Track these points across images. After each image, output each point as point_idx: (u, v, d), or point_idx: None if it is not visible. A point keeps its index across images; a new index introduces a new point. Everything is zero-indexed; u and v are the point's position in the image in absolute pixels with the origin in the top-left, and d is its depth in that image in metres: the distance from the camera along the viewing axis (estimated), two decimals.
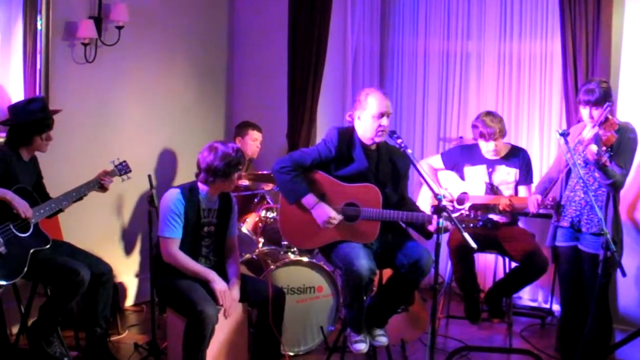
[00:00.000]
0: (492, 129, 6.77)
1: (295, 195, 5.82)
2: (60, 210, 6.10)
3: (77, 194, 6.05)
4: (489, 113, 6.92)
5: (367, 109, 5.80)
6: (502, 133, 6.84)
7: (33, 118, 5.81)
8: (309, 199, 5.79)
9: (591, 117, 6.00)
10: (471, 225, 5.70)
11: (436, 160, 7.21)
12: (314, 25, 8.06)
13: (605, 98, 5.93)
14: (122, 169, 6.38)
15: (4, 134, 6.32)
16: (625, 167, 5.93)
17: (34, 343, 5.84)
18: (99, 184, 6.17)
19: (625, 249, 6.23)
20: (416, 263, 5.67)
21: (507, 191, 6.87)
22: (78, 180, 6.11)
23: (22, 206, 5.54)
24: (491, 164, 6.93)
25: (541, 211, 6.54)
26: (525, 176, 6.91)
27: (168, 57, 8.08)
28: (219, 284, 5.69)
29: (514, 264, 6.98)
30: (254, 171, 7.68)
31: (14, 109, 5.93)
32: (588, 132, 5.98)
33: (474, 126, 6.92)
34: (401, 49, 8.96)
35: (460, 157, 7.10)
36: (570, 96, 6.90)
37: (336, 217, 5.78)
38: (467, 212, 5.75)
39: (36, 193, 5.90)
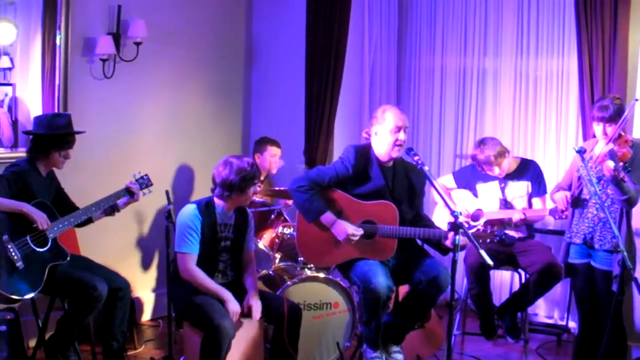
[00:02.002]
0: (488, 155, 6.78)
1: (313, 213, 5.84)
2: (90, 220, 6.13)
3: (106, 203, 6.08)
4: (481, 142, 6.94)
5: (384, 123, 5.83)
6: (503, 154, 6.83)
7: (55, 132, 5.83)
8: (328, 217, 5.81)
9: (604, 133, 6.00)
10: (488, 240, 5.71)
11: (448, 180, 7.22)
12: (331, 42, 8.07)
13: (619, 114, 5.93)
14: (144, 183, 6.38)
15: (20, 149, 6.38)
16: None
17: (52, 357, 5.86)
18: (128, 191, 6.20)
19: (638, 265, 6.21)
20: (434, 280, 5.69)
21: (520, 205, 6.86)
22: (95, 195, 6.13)
23: (40, 217, 5.57)
24: (503, 180, 6.93)
25: (554, 227, 6.54)
26: (538, 188, 6.90)
27: (186, 73, 8.11)
28: (232, 304, 5.69)
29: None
30: (272, 187, 7.69)
31: (39, 120, 5.96)
32: (601, 148, 5.98)
33: (473, 157, 6.94)
34: (418, 66, 8.96)
35: (472, 175, 7.09)
36: (586, 113, 6.88)
37: (356, 232, 5.80)
38: (483, 228, 5.76)
39: (59, 206, 5.94)
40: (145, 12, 7.49)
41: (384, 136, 5.85)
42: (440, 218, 6.95)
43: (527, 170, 6.94)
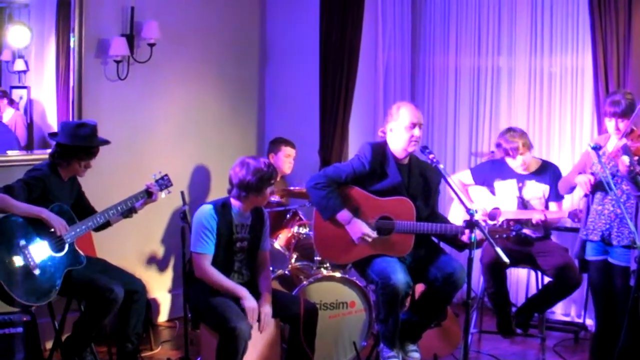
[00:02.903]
0: (515, 143, 6.73)
1: (330, 211, 5.85)
2: (109, 224, 6.15)
3: (124, 206, 6.08)
4: (509, 129, 6.90)
5: (399, 120, 5.84)
6: (527, 146, 6.79)
7: (78, 143, 5.84)
8: (344, 215, 5.82)
9: (617, 128, 5.97)
10: (504, 235, 5.72)
11: (466, 176, 7.19)
12: (345, 42, 8.07)
13: (631, 109, 5.90)
14: (164, 184, 6.38)
15: (36, 152, 6.39)
16: None
17: (68, 359, 5.86)
18: (147, 192, 6.20)
19: None
20: (450, 276, 5.69)
21: (537, 206, 6.83)
22: (110, 197, 6.15)
23: (58, 223, 5.57)
24: (521, 179, 6.89)
25: (570, 225, 6.51)
26: (556, 192, 6.83)
27: (200, 74, 8.11)
28: (249, 301, 5.68)
29: (547, 279, 6.95)
30: (286, 187, 7.69)
31: (64, 127, 5.96)
32: (614, 144, 5.96)
33: (498, 145, 6.89)
34: (432, 65, 8.95)
35: (491, 172, 7.06)
36: (601, 109, 6.84)
37: (371, 233, 5.80)
38: (500, 224, 5.75)
39: (79, 210, 5.96)
40: (159, 13, 7.50)
41: (399, 133, 5.86)
42: (457, 215, 6.93)
43: (547, 172, 6.88)
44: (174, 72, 7.83)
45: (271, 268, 6.27)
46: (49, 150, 6.09)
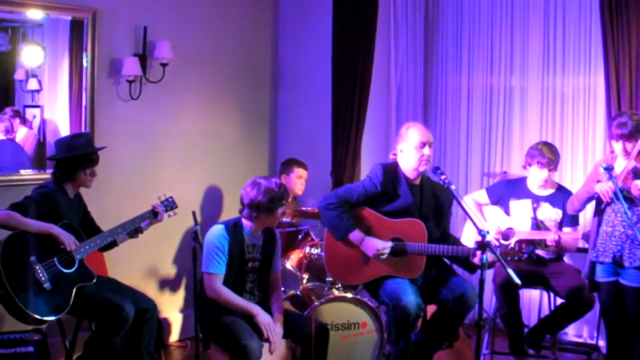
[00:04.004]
0: (550, 158, 6.73)
1: (342, 231, 5.86)
2: (115, 244, 6.16)
3: (132, 225, 6.10)
4: (546, 143, 6.92)
5: (409, 140, 5.86)
6: (555, 165, 6.80)
7: (77, 153, 5.85)
8: (356, 235, 5.83)
9: (624, 150, 5.96)
10: (516, 258, 5.69)
11: (481, 195, 7.18)
12: (357, 62, 8.07)
13: (638, 130, 5.89)
14: (169, 205, 6.42)
15: (48, 171, 6.41)
16: None
17: None
18: (153, 212, 6.22)
19: None
20: (461, 297, 5.69)
21: (552, 228, 6.81)
22: (122, 216, 6.16)
23: (67, 239, 5.59)
24: (536, 200, 6.88)
25: (583, 246, 6.50)
26: (571, 219, 6.83)
27: (212, 94, 8.11)
28: (263, 317, 5.68)
29: (559, 300, 6.92)
30: (298, 208, 7.69)
31: (60, 143, 5.99)
32: (622, 166, 5.94)
33: (532, 154, 6.85)
34: (444, 85, 8.93)
35: (506, 191, 7.05)
36: (608, 132, 6.85)
37: (386, 245, 5.79)
38: (512, 246, 5.74)
39: (85, 229, 5.96)
40: (172, 33, 7.51)
41: (409, 153, 5.88)
42: (469, 236, 6.92)
43: (562, 198, 6.86)
44: (186, 92, 7.83)
45: (282, 288, 6.27)
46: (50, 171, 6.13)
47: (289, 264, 7.14)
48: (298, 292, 6.85)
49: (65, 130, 6.89)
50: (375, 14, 8.10)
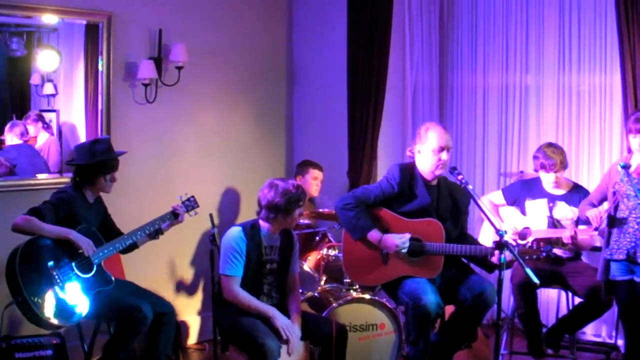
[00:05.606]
0: (553, 160, 6.72)
1: (360, 231, 5.85)
2: (136, 246, 6.17)
3: (151, 227, 6.10)
4: (550, 144, 6.89)
5: (427, 143, 5.84)
6: (564, 165, 6.78)
7: (97, 159, 5.85)
8: (374, 234, 5.82)
9: None
10: (534, 257, 5.67)
11: (497, 196, 7.16)
12: (372, 62, 8.05)
13: None
14: (190, 205, 6.40)
15: (66, 175, 6.42)
16: None
17: None
18: (173, 214, 6.22)
19: None
20: (480, 295, 5.67)
21: (568, 227, 6.79)
22: (138, 219, 6.17)
23: (85, 244, 5.60)
24: (552, 199, 6.87)
25: (600, 244, 6.49)
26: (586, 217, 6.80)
27: (228, 96, 8.12)
28: (280, 319, 5.69)
29: (577, 300, 6.90)
30: (314, 209, 7.68)
31: (79, 149, 6.00)
32: (637, 161, 5.92)
33: (535, 157, 6.88)
34: (460, 84, 8.90)
35: (521, 191, 7.04)
36: (626, 127, 6.82)
37: (404, 239, 5.78)
38: (530, 244, 5.72)
39: (105, 232, 5.96)
40: (186, 36, 7.52)
41: (426, 155, 5.86)
42: (487, 236, 6.90)
43: (578, 196, 6.84)
44: (202, 94, 7.84)
45: (300, 290, 6.26)
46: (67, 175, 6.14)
47: (307, 266, 7.13)
48: (316, 294, 6.84)
49: (81, 134, 6.90)
50: (390, 13, 8.09)
